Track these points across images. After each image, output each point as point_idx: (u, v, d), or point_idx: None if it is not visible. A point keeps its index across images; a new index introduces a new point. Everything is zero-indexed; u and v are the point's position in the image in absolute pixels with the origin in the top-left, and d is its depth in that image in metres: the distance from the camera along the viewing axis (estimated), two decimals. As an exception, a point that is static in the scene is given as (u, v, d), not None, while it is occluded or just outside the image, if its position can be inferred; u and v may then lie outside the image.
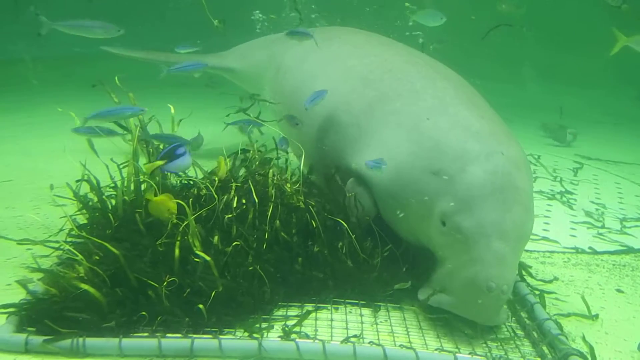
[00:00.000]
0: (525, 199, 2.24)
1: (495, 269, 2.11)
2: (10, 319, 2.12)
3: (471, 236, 2.15)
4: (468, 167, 2.22)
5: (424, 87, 2.63)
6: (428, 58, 3.06)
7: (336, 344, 2.11)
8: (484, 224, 2.14)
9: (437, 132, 2.39)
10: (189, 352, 2.03)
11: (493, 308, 2.18)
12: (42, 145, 4.65)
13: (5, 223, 3.16)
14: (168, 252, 2.32)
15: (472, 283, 2.13)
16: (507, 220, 2.15)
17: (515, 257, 2.22)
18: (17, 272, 2.56)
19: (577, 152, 6.04)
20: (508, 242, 2.15)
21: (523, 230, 2.23)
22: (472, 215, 2.16)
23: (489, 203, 2.16)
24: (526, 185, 2.28)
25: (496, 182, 2.19)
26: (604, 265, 3.23)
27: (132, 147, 2.70)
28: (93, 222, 2.67)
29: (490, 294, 2.11)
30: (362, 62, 2.98)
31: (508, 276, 2.15)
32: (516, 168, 2.27)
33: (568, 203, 4.31)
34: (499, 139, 2.36)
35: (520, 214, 2.20)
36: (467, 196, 2.18)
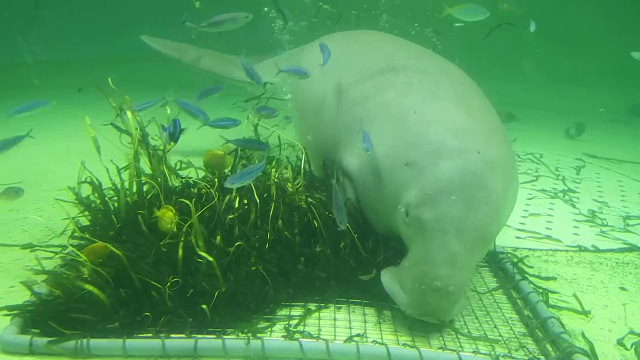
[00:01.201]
0: (494, 201, 2.18)
1: (444, 269, 2.09)
2: (15, 320, 2.12)
3: (429, 229, 2.14)
4: (439, 162, 2.21)
5: (420, 81, 2.63)
6: (436, 57, 3.07)
7: (339, 343, 2.11)
8: (444, 219, 2.11)
9: (419, 125, 2.39)
10: (193, 352, 2.04)
11: (440, 308, 2.15)
12: (46, 148, 4.66)
13: (8, 225, 3.18)
14: (171, 252, 2.33)
15: (420, 280, 2.12)
16: (469, 219, 2.11)
17: (470, 258, 2.17)
18: (21, 274, 2.57)
19: (579, 150, 6.03)
20: (464, 242, 2.11)
21: (485, 232, 2.17)
22: (434, 208, 2.14)
23: (453, 199, 2.13)
24: (499, 187, 2.22)
25: (465, 180, 2.16)
26: (607, 263, 3.22)
27: (133, 148, 2.71)
28: (96, 224, 2.68)
29: (436, 294, 2.09)
30: (369, 56, 3.02)
31: (457, 278, 2.11)
32: (490, 169, 2.21)
33: (571, 201, 4.30)
34: (479, 138, 2.32)
35: (485, 215, 2.14)
36: (433, 189, 2.17)
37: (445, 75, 2.74)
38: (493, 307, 2.52)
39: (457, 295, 2.16)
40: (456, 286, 2.11)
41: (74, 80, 7.52)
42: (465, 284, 2.20)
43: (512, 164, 2.46)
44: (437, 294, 2.10)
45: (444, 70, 2.83)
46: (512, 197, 2.48)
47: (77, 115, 2.84)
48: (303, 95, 3.36)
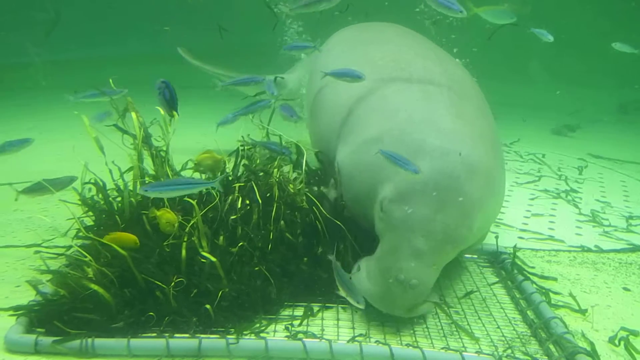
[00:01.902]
0: (467, 205, 2.18)
1: (408, 263, 2.12)
2: (20, 319, 2.14)
3: (398, 226, 2.17)
4: (418, 161, 2.21)
5: (420, 81, 2.64)
6: (443, 55, 3.04)
7: (342, 343, 2.12)
8: (413, 219, 2.14)
9: (406, 123, 2.41)
10: (197, 352, 2.05)
11: (403, 301, 2.17)
12: (51, 147, 4.68)
13: (13, 225, 3.20)
14: (175, 253, 2.34)
15: (385, 273, 2.16)
16: (437, 221, 2.13)
17: (435, 257, 2.17)
18: (26, 274, 2.59)
19: (582, 149, 6.02)
20: (431, 241, 2.13)
21: (453, 235, 2.16)
22: (405, 206, 2.16)
23: (425, 199, 2.14)
24: (475, 192, 2.21)
25: (440, 181, 2.16)
26: (610, 263, 3.22)
27: (137, 150, 2.72)
28: (100, 224, 2.70)
29: (399, 286, 2.12)
30: (379, 49, 3.02)
31: (420, 273, 2.13)
32: (469, 173, 2.21)
33: (573, 202, 4.30)
34: (464, 141, 2.31)
35: (455, 218, 2.15)
36: (407, 187, 2.18)
37: (446, 76, 2.75)
38: (496, 308, 2.53)
39: (421, 292, 2.17)
40: (419, 281, 2.13)
41: (77, 80, 7.59)
42: (429, 282, 2.20)
43: (496, 173, 2.43)
44: (400, 287, 2.12)
45: (447, 70, 2.83)
46: (493, 205, 2.45)
47: (82, 115, 2.85)
48: (312, 91, 3.37)
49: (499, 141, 2.69)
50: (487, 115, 2.73)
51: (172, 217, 2.36)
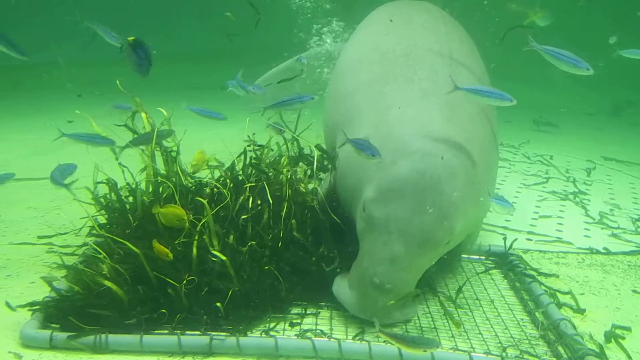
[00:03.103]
0: (446, 207, 2.15)
1: (383, 267, 2.10)
2: (35, 315, 2.19)
3: (376, 228, 2.15)
4: (399, 161, 2.21)
5: (421, 78, 2.61)
6: (462, 51, 2.95)
7: (351, 342, 2.14)
8: (390, 219, 2.12)
9: (395, 123, 2.40)
10: (208, 350, 2.08)
11: (377, 305, 2.15)
12: (65, 146, 4.73)
13: (27, 223, 3.26)
14: (186, 251, 2.37)
15: (361, 276, 2.15)
16: (415, 222, 2.11)
17: (412, 261, 2.15)
18: (41, 270, 2.64)
19: (590, 151, 5.99)
20: (408, 244, 2.11)
21: (431, 237, 2.14)
22: (384, 207, 2.14)
23: (404, 200, 2.12)
24: (455, 194, 2.18)
25: (419, 182, 2.14)
26: (619, 265, 3.21)
27: (150, 149, 2.75)
28: (112, 222, 2.74)
29: (374, 290, 2.11)
30: (395, 41, 2.97)
31: (395, 277, 2.11)
32: (450, 176, 2.18)
33: (581, 203, 4.29)
34: (449, 145, 2.28)
35: (434, 220, 2.12)
36: (387, 188, 2.17)
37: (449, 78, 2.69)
38: (504, 309, 2.54)
39: (396, 296, 2.14)
40: (394, 285, 2.10)
41: (80, 80, 7.66)
42: (405, 286, 2.17)
43: (483, 178, 2.38)
44: (375, 292, 2.11)
45: (458, 68, 2.76)
46: (476, 212, 2.40)
47: (95, 115, 2.90)
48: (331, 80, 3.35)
49: (493, 144, 2.63)
50: (487, 118, 2.68)
51: (181, 212, 2.39)
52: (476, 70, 2.93)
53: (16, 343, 2.08)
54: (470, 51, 3.11)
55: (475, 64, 2.99)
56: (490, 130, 2.69)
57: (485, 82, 2.92)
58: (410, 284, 2.20)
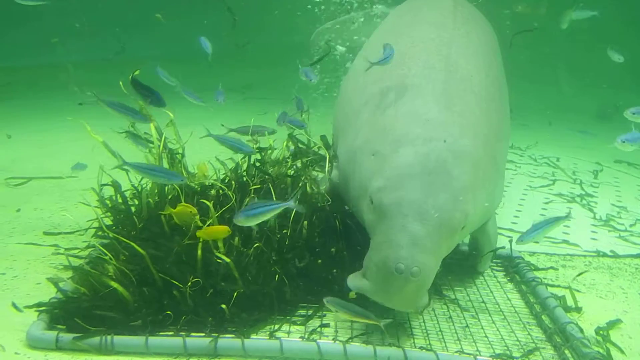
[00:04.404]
0: (456, 189, 2.10)
1: (406, 251, 2.00)
2: (42, 316, 2.20)
3: (389, 213, 2.08)
4: (400, 149, 2.18)
5: (415, 75, 2.58)
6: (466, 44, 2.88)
7: (357, 344, 2.13)
8: (403, 203, 2.06)
9: (391, 119, 2.37)
10: (213, 351, 2.08)
11: (406, 293, 2.03)
12: (70, 147, 4.78)
13: (34, 224, 3.28)
14: (191, 253, 2.38)
15: (383, 264, 2.03)
16: (429, 204, 2.05)
17: (433, 242, 2.05)
18: (47, 271, 2.66)
19: (597, 153, 5.94)
20: (426, 225, 2.03)
21: (446, 218, 2.06)
22: (394, 192, 2.09)
23: (413, 183, 2.08)
24: (465, 176, 2.14)
25: (426, 165, 2.11)
26: (626, 268, 3.18)
27: (157, 152, 2.76)
28: (118, 224, 2.75)
29: (400, 277, 1.98)
30: (394, 40, 2.93)
31: (420, 258, 2.00)
32: (455, 158, 2.15)
33: (588, 206, 4.25)
34: (450, 130, 2.24)
35: (446, 201, 2.07)
36: (394, 174, 2.13)
37: (451, 71, 2.61)
38: (510, 312, 2.52)
39: (423, 281, 2.04)
40: (420, 268, 1.99)
41: (85, 81, 7.71)
42: (430, 270, 2.06)
43: (487, 166, 2.32)
44: (400, 278, 1.99)
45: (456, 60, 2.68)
46: (485, 197, 2.32)
47: (101, 116, 2.90)
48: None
49: (499, 138, 2.58)
50: (492, 111, 2.63)
51: (191, 208, 2.39)
52: (474, 60, 2.81)
53: (23, 344, 2.09)
54: (478, 44, 3.02)
55: (477, 55, 2.89)
56: (495, 121, 2.62)
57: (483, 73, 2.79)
58: (435, 266, 2.09)
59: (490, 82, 2.79)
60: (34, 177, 4.07)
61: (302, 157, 3.06)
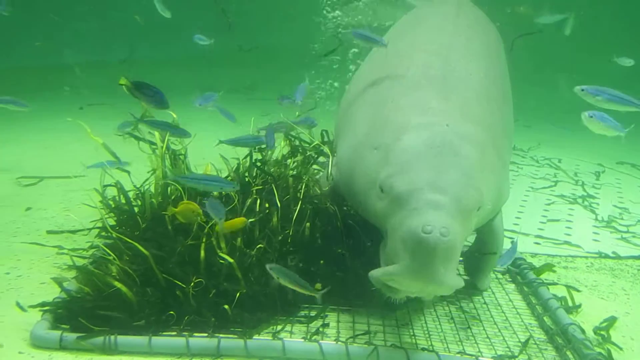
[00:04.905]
0: (467, 168, 2.05)
1: (429, 215, 1.89)
2: (46, 316, 2.21)
3: (404, 192, 1.99)
4: (403, 136, 2.16)
5: (414, 74, 2.58)
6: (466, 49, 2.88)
7: (359, 345, 2.14)
8: (417, 182, 2.00)
9: (391, 112, 2.37)
10: (216, 352, 2.09)
11: (437, 260, 1.83)
12: (74, 147, 4.80)
13: (37, 223, 3.29)
14: (194, 253, 2.39)
15: (408, 234, 1.87)
16: (442, 179, 1.99)
17: (455, 209, 1.94)
18: (51, 271, 2.67)
19: (599, 155, 5.94)
20: (445, 194, 1.95)
21: (462, 194, 1.98)
22: (405, 175, 2.04)
23: (423, 164, 2.04)
24: (473, 156, 2.10)
25: (433, 146, 2.08)
26: (628, 270, 3.18)
27: (160, 152, 2.78)
28: (121, 224, 2.76)
29: (429, 239, 1.81)
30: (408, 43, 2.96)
31: (446, 221, 1.87)
32: (461, 139, 2.12)
33: (590, 207, 4.25)
34: (451, 116, 2.23)
35: (459, 178, 2.01)
36: (402, 160, 2.10)
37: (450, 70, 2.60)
38: (512, 313, 2.52)
39: (453, 244, 1.86)
40: (448, 228, 1.85)
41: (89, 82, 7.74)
42: (457, 234, 1.89)
43: (491, 153, 2.28)
44: (430, 241, 1.82)
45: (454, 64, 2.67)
46: (492, 183, 2.25)
47: (106, 116, 2.93)
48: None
49: (500, 135, 2.56)
50: (493, 110, 2.61)
51: (194, 205, 2.40)
52: (475, 62, 2.81)
53: (27, 343, 2.10)
54: (479, 47, 3.03)
55: (478, 57, 2.89)
56: (496, 118, 2.61)
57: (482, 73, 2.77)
58: (462, 234, 1.96)
59: (490, 82, 2.79)
60: (45, 177, 4.09)
61: (300, 155, 3.07)
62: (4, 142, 5.19)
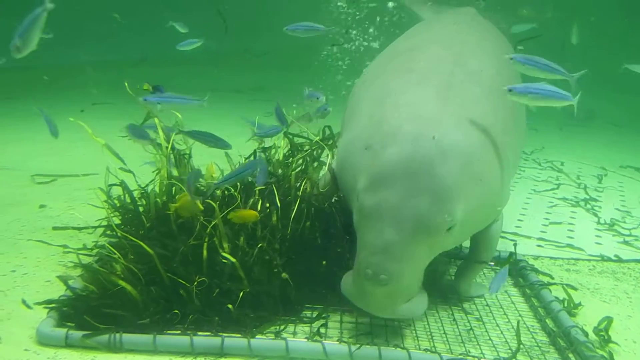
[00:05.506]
0: (441, 191, 2.05)
1: (377, 257, 2.01)
2: (51, 313, 2.23)
3: (369, 217, 2.08)
4: (390, 146, 2.14)
5: (423, 68, 2.55)
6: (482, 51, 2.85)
7: (361, 345, 2.14)
8: (382, 207, 2.05)
9: (388, 109, 2.33)
10: (220, 350, 2.11)
11: (377, 298, 2.05)
12: (80, 146, 4.82)
13: (42, 222, 3.32)
14: (197, 253, 2.40)
15: (357, 268, 2.08)
16: (408, 208, 2.02)
17: (407, 249, 2.03)
18: (56, 269, 2.69)
19: (601, 158, 5.94)
20: (401, 232, 2.01)
21: (427, 223, 2.03)
22: (375, 194, 2.08)
23: (395, 186, 2.05)
24: (451, 176, 2.08)
25: (410, 167, 2.07)
26: (630, 273, 3.19)
27: (165, 152, 2.79)
28: (126, 223, 2.78)
29: (369, 282, 2.01)
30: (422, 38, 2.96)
31: (390, 266, 2.00)
32: (443, 156, 2.09)
33: (592, 210, 4.26)
34: (443, 124, 2.18)
35: (428, 205, 2.03)
36: (378, 174, 2.11)
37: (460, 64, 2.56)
38: (514, 315, 2.53)
39: (393, 289, 2.04)
40: (389, 276, 1.99)
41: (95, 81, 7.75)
42: (402, 278, 2.03)
43: (485, 160, 2.24)
44: (370, 283, 2.02)
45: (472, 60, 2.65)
46: (481, 193, 2.22)
47: (110, 116, 2.95)
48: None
49: (508, 133, 2.51)
50: (503, 107, 2.55)
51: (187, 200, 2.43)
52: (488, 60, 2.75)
53: (32, 340, 2.12)
54: (491, 49, 2.98)
55: (490, 56, 2.83)
56: (505, 116, 2.56)
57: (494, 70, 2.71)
58: (409, 275, 2.07)
59: (502, 80, 2.68)
60: (59, 175, 4.11)
61: (300, 153, 3.08)
62: (11, 142, 5.22)
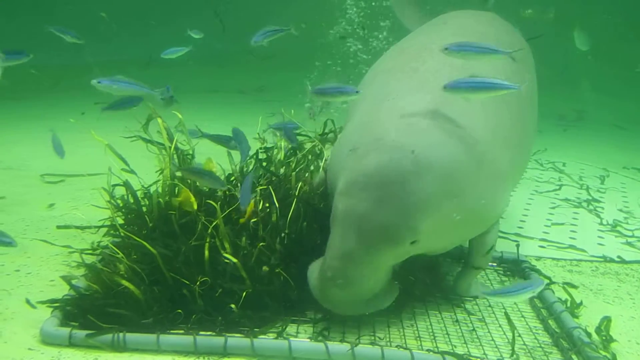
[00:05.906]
0: (410, 205, 2.07)
1: (338, 262, 2.12)
2: (55, 313, 2.24)
3: (338, 219, 2.15)
4: (369, 154, 2.16)
5: (427, 69, 2.50)
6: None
7: (364, 346, 2.15)
8: (349, 214, 2.11)
9: (382, 113, 2.33)
10: (223, 350, 2.11)
11: (334, 298, 2.19)
12: (85, 146, 4.83)
13: (47, 222, 3.33)
14: (199, 253, 2.41)
15: (320, 268, 2.20)
16: (374, 218, 2.07)
17: (367, 258, 2.10)
18: (60, 269, 2.70)
19: (604, 159, 5.93)
20: (363, 241, 2.09)
21: (390, 235, 2.08)
22: (347, 200, 2.13)
23: (365, 195, 2.09)
24: (424, 191, 2.08)
25: (383, 177, 2.09)
26: (633, 274, 3.18)
27: (169, 152, 2.80)
28: (129, 223, 2.79)
29: (329, 284, 2.14)
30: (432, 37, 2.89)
31: (350, 272, 2.11)
32: (417, 172, 2.09)
33: (595, 211, 4.25)
34: (429, 137, 2.17)
35: (393, 217, 2.06)
36: (353, 181, 2.14)
37: (467, 68, 2.49)
38: (517, 316, 2.53)
39: (353, 292, 2.16)
40: (346, 281, 2.10)
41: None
42: (361, 283, 2.13)
43: (469, 175, 2.21)
44: (330, 284, 2.14)
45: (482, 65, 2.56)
46: (459, 208, 2.19)
47: (114, 117, 2.95)
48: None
49: (510, 143, 2.48)
50: (509, 116, 2.53)
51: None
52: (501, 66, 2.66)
53: (36, 340, 2.13)
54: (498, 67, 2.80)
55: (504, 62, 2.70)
56: (512, 125, 2.52)
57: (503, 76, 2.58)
58: (368, 281, 2.15)
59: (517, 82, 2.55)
60: (69, 175, 4.15)
61: (299, 152, 3.09)
62: (15, 142, 5.24)
